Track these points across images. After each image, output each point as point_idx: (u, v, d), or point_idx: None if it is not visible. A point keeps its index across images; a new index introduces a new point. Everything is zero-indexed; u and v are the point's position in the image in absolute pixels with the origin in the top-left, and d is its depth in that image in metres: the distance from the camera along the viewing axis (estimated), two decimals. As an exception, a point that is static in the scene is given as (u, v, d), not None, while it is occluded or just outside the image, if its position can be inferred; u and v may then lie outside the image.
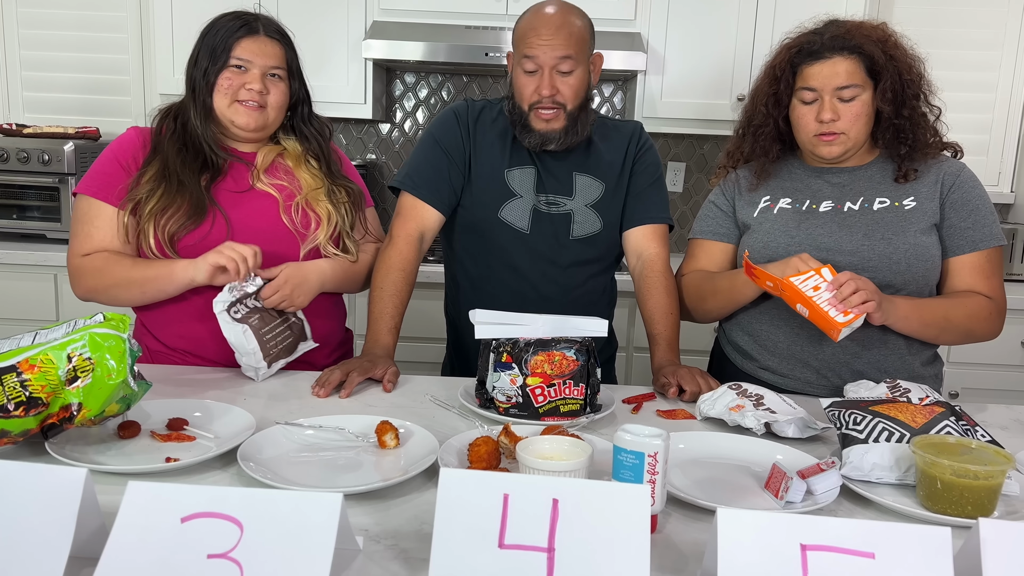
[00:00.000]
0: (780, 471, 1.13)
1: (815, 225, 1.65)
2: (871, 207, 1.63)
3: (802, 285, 1.44)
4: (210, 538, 0.83)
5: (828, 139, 1.60)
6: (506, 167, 1.78)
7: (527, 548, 0.84)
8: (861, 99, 1.57)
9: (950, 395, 2.91)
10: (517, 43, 1.71)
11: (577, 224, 1.79)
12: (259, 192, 1.68)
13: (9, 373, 1.14)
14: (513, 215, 1.77)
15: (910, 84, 1.58)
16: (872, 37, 1.57)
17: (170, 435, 1.27)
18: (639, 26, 3.03)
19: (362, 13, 3.03)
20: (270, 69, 1.63)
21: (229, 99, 1.61)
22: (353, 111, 3.14)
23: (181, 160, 1.61)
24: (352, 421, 1.33)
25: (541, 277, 1.80)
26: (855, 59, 1.56)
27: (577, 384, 1.40)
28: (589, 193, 1.80)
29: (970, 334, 1.62)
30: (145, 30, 3.15)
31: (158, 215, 1.58)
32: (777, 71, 1.64)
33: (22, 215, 3.01)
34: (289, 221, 1.67)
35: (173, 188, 1.58)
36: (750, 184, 1.74)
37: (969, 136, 3.21)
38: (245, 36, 1.60)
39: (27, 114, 3.24)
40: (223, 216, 1.62)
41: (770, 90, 1.65)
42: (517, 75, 1.71)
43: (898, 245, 1.59)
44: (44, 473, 0.87)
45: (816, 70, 1.58)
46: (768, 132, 1.68)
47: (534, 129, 1.71)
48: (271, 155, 1.71)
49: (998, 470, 1.08)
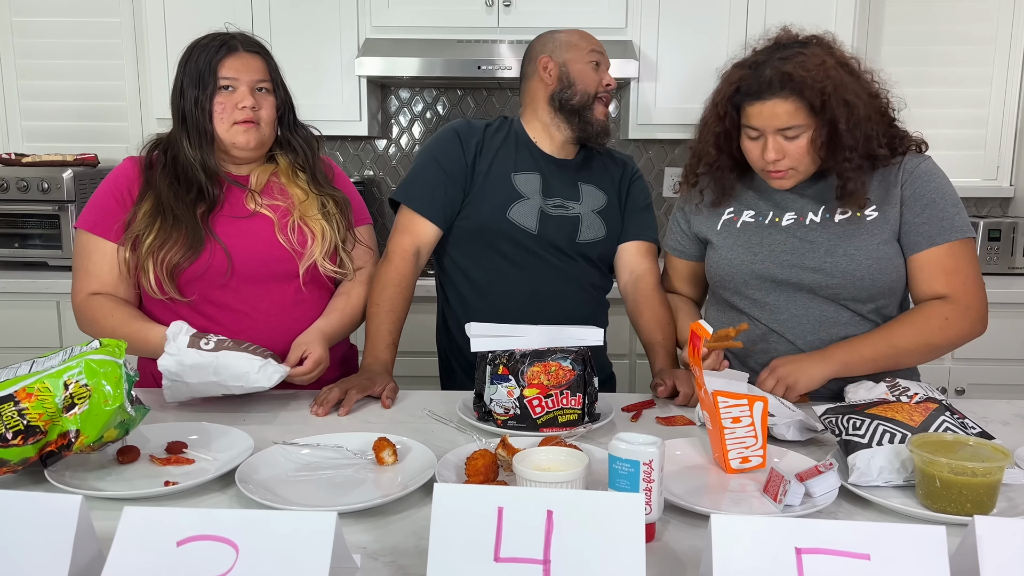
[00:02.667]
0: (778, 475, 1.13)
1: (778, 241, 1.63)
2: (832, 218, 1.60)
3: (725, 409, 1.24)
4: (206, 561, 0.84)
5: (778, 176, 1.56)
6: (513, 171, 1.81)
7: (522, 561, 0.84)
8: (806, 136, 1.51)
9: (956, 391, 2.90)
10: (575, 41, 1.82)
11: (585, 228, 1.83)
12: (256, 215, 1.68)
13: (7, 402, 1.14)
14: (521, 215, 1.79)
15: (846, 134, 1.49)
16: (809, 80, 1.46)
17: (169, 458, 1.27)
18: (631, 34, 3.04)
19: (354, 31, 3.05)
20: (257, 84, 1.63)
21: (227, 122, 1.62)
22: (349, 128, 3.16)
23: (174, 193, 1.61)
24: (350, 439, 1.33)
25: (549, 279, 1.82)
26: (794, 99, 1.48)
27: (575, 394, 1.40)
28: (595, 200, 1.86)
29: (930, 348, 1.56)
30: (140, 56, 3.18)
31: (156, 250, 1.58)
32: (720, 110, 1.59)
33: (23, 244, 3.02)
34: (286, 240, 1.67)
35: (169, 222, 1.58)
36: (712, 200, 1.72)
37: (966, 131, 3.22)
38: (227, 56, 1.61)
39: (26, 143, 3.27)
40: (221, 247, 1.62)
41: (717, 129, 1.60)
42: (581, 67, 1.80)
43: (860, 260, 1.56)
44: (39, 501, 0.88)
45: (756, 110, 1.51)
46: (722, 165, 1.64)
47: (595, 119, 1.81)
48: (264, 175, 1.71)
49: (996, 466, 1.07)
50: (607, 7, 3.02)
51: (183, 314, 1.62)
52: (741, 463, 1.24)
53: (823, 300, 1.61)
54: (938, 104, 3.21)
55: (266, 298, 1.67)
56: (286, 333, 1.66)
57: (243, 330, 1.63)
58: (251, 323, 1.66)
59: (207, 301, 1.64)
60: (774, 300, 1.64)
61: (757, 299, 1.66)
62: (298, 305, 1.70)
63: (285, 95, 1.72)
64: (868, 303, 1.60)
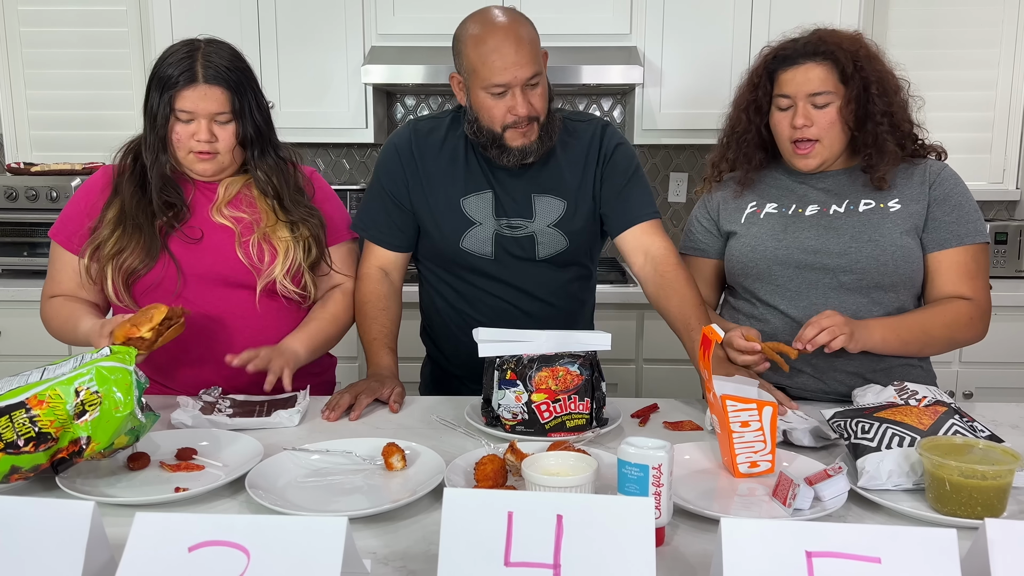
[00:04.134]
0: (787, 479, 1.13)
1: (801, 229, 1.65)
2: (856, 208, 1.63)
3: (734, 413, 1.24)
4: (218, 566, 0.84)
5: (804, 151, 1.60)
6: (461, 195, 1.73)
7: (533, 565, 0.84)
8: (835, 105, 1.57)
9: (964, 395, 2.89)
10: (476, 67, 1.60)
11: (542, 245, 1.75)
12: (217, 227, 1.66)
13: (18, 409, 1.15)
14: (474, 243, 1.74)
15: (876, 99, 1.56)
16: (844, 45, 1.56)
17: (179, 465, 1.28)
18: (635, 40, 3.04)
19: (360, 39, 3.06)
20: (214, 116, 1.58)
21: (184, 150, 1.60)
22: (355, 136, 3.17)
23: (136, 201, 1.61)
24: (359, 444, 1.33)
25: (516, 297, 1.78)
26: (827, 65, 1.56)
27: (582, 399, 1.40)
28: (549, 214, 1.74)
29: (952, 342, 1.61)
30: (147, 65, 3.18)
31: (115, 256, 1.59)
32: (755, 77, 1.65)
33: (32, 252, 3.04)
34: (244, 256, 1.65)
35: (129, 230, 1.60)
36: (734, 192, 1.74)
37: (971, 134, 3.22)
38: (185, 87, 1.55)
39: (35, 152, 3.29)
40: (174, 261, 1.62)
41: (750, 97, 1.66)
42: (481, 98, 1.62)
43: (885, 246, 1.58)
44: (52, 508, 0.88)
45: (790, 76, 1.59)
46: (751, 139, 1.68)
47: (511, 147, 1.65)
48: (234, 187, 1.68)
49: (1006, 469, 1.07)
50: (611, 13, 3.02)
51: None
52: (750, 467, 1.24)
53: (844, 290, 1.61)
54: (943, 107, 3.20)
55: (222, 307, 1.65)
56: (248, 340, 1.63)
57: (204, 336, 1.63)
58: (211, 331, 1.65)
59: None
60: (795, 287, 1.64)
61: (779, 286, 1.66)
62: (263, 315, 1.68)
63: (254, 121, 1.63)
64: (890, 291, 1.61)
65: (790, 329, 1.64)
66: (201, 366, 1.65)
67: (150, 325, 1.43)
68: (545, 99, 1.66)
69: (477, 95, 1.63)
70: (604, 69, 2.92)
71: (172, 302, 1.57)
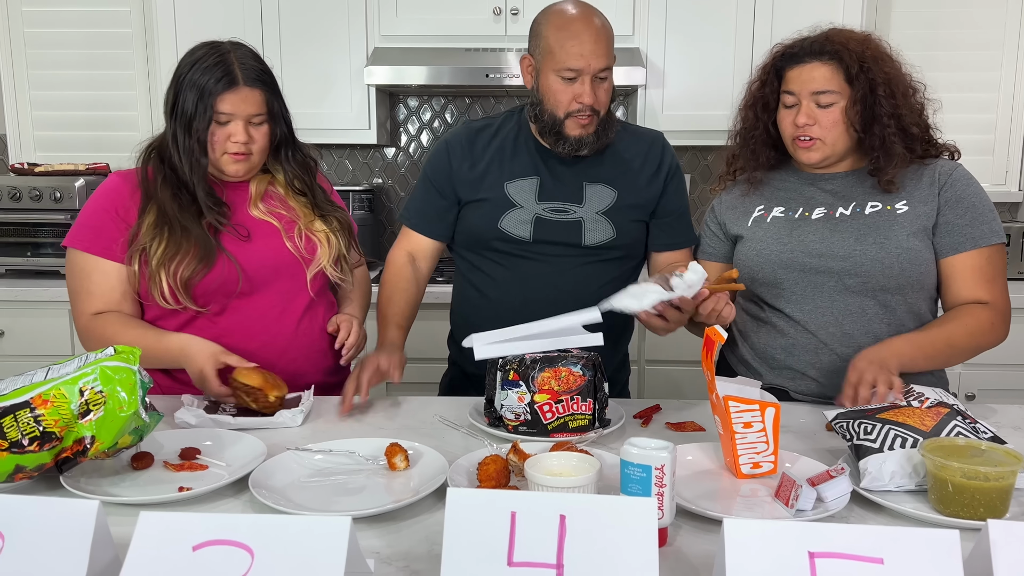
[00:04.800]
0: (790, 479, 1.13)
1: (807, 232, 1.64)
2: (863, 211, 1.62)
3: (736, 414, 1.24)
4: (222, 565, 0.84)
5: (805, 144, 1.60)
6: (506, 179, 1.78)
7: (536, 565, 0.84)
8: (839, 105, 1.57)
9: (966, 397, 2.89)
10: (553, 49, 1.64)
11: (589, 231, 1.76)
12: (259, 223, 1.69)
13: (23, 409, 1.15)
14: (512, 224, 1.76)
15: (883, 101, 1.55)
16: (850, 46, 1.55)
17: (183, 464, 1.28)
18: (637, 41, 3.05)
19: (363, 40, 3.06)
20: (252, 117, 1.61)
21: (219, 152, 1.61)
22: (358, 137, 3.17)
23: (179, 205, 1.60)
24: (362, 444, 1.34)
25: (548, 284, 1.79)
26: (832, 65, 1.56)
27: (585, 399, 1.40)
28: (600, 200, 1.77)
29: (977, 350, 1.60)
30: (151, 66, 3.20)
31: (167, 262, 1.57)
32: (763, 74, 1.65)
33: (36, 252, 3.04)
34: (294, 248, 1.69)
35: (178, 234, 1.58)
36: (743, 191, 1.75)
37: (974, 136, 3.21)
38: (226, 90, 1.57)
39: (38, 153, 3.29)
40: (231, 260, 1.62)
41: (758, 94, 1.66)
42: (551, 81, 1.67)
43: (890, 249, 1.57)
44: (56, 507, 0.89)
45: (795, 73, 1.59)
46: (759, 136, 1.68)
47: (569, 136, 1.69)
48: (263, 185, 1.72)
49: (1008, 471, 1.07)
50: (614, 14, 3.00)
51: (194, 324, 1.64)
52: (752, 468, 1.24)
53: (850, 292, 1.61)
54: (946, 109, 3.16)
55: (276, 305, 1.68)
56: (292, 340, 1.69)
57: (253, 337, 1.65)
58: (261, 330, 1.67)
59: (217, 311, 1.65)
60: (801, 290, 1.64)
61: (784, 289, 1.66)
62: (308, 311, 1.72)
63: (285, 121, 1.68)
64: (897, 294, 1.60)
65: (796, 332, 1.64)
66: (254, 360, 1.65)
67: (278, 393, 1.50)
68: (610, 95, 1.72)
69: (547, 77, 1.68)
70: (607, 70, 2.92)
71: (235, 301, 1.64)
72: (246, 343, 1.64)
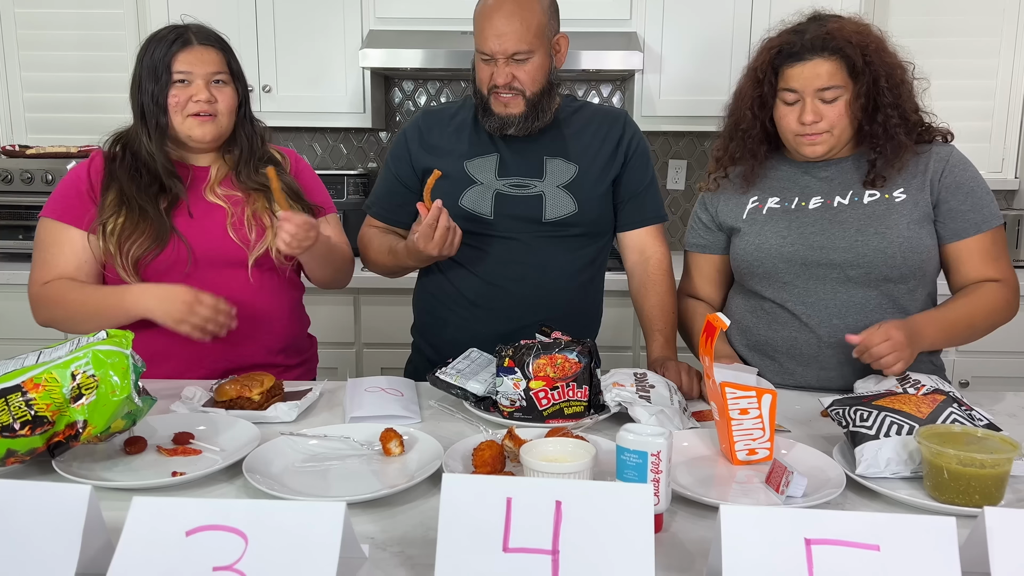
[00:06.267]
0: (781, 466, 1.13)
1: (806, 224, 1.63)
2: (861, 200, 1.61)
3: (732, 400, 1.24)
4: (215, 551, 0.84)
5: (811, 139, 1.57)
6: (465, 158, 1.78)
7: (531, 551, 0.84)
8: (844, 99, 1.55)
9: (960, 384, 2.89)
10: (475, 31, 1.71)
11: (550, 206, 1.76)
12: (212, 206, 1.69)
13: (14, 393, 1.15)
14: (473, 202, 1.76)
15: (886, 92, 1.54)
16: (852, 40, 1.53)
17: (176, 449, 1.28)
18: (635, 25, 3.03)
19: (358, 23, 3.04)
20: (212, 76, 1.63)
21: (181, 115, 1.63)
22: (353, 120, 3.15)
23: (136, 186, 1.63)
24: (357, 430, 1.33)
25: (513, 263, 1.78)
26: (836, 60, 1.53)
27: (580, 386, 1.40)
28: (561, 175, 1.77)
29: (993, 327, 1.61)
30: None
31: (122, 240, 1.60)
32: (759, 73, 1.61)
33: (28, 236, 3.01)
34: (235, 233, 1.68)
35: (135, 214, 1.61)
36: (737, 187, 1.72)
37: (971, 123, 3.20)
38: (181, 49, 1.61)
39: (30, 135, 3.26)
40: (183, 242, 1.64)
41: (754, 93, 1.62)
42: (476, 60, 1.74)
43: (892, 239, 1.56)
44: (48, 491, 0.88)
45: (797, 72, 1.55)
46: (755, 135, 1.65)
47: (494, 112, 1.73)
48: (225, 168, 1.73)
49: (1004, 458, 1.07)
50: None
51: None
52: (748, 455, 1.24)
53: (852, 284, 1.60)
54: (943, 96, 3.16)
55: (223, 285, 1.66)
56: (248, 318, 1.67)
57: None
58: None
59: None
60: (803, 284, 1.63)
61: (785, 283, 1.65)
62: (258, 291, 1.71)
63: (244, 87, 1.72)
64: (899, 283, 1.60)
65: (797, 325, 1.64)
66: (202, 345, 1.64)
67: (260, 389, 1.48)
68: (535, 77, 1.70)
69: (475, 57, 1.74)
70: (603, 55, 2.90)
71: (182, 280, 1.61)
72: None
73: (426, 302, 1.92)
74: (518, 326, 1.70)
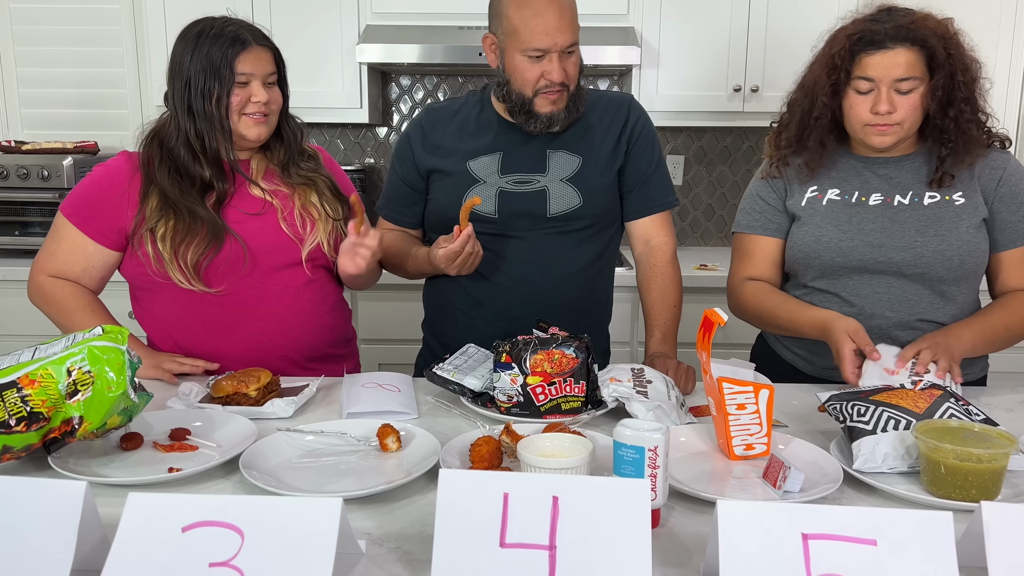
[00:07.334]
0: (778, 461, 1.13)
1: (866, 220, 1.61)
2: (921, 201, 1.59)
3: (730, 396, 1.24)
4: (211, 547, 0.84)
5: (881, 129, 1.54)
6: (468, 158, 1.76)
7: (528, 546, 0.84)
8: (918, 91, 1.52)
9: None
10: (517, 28, 1.62)
11: (554, 200, 1.73)
12: (259, 202, 1.68)
13: (10, 389, 1.14)
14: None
15: (962, 86, 1.52)
16: (936, 32, 1.51)
17: (172, 445, 1.27)
18: (632, 20, 3.02)
19: (355, 17, 3.03)
20: (268, 77, 1.63)
21: (237, 114, 1.61)
22: (349, 116, 3.15)
23: (179, 189, 1.60)
24: (354, 425, 1.33)
25: (519, 261, 1.76)
26: (917, 51, 1.50)
27: (578, 381, 1.40)
28: (564, 168, 1.74)
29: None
30: (139, 43, 3.16)
31: (176, 244, 1.58)
32: (836, 59, 1.56)
33: (23, 231, 3.02)
34: (289, 228, 1.68)
35: (185, 217, 1.58)
36: (800, 175, 1.68)
37: (968, 119, 3.21)
38: (243, 50, 1.58)
39: (26, 131, 3.25)
40: (238, 240, 1.62)
41: (829, 79, 1.57)
42: (516, 61, 1.64)
43: (951, 241, 1.56)
44: (44, 487, 0.88)
45: (876, 60, 1.51)
46: (825, 123, 1.61)
47: (539, 113, 1.68)
48: (264, 163, 1.71)
49: (1001, 452, 1.07)
50: (609, -7, 3.00)
51: (199, 303, 1.64)
52: (745, 450, 1.24)
53: (907, 279, 1.60)
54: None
55: (278, 283, 1.68)
56: (297, 315, 1.69)
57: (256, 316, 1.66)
58: (264, 310, 1.67)
59: (221, 291, 1.65)
60: (857, 277, 1.62)
61: (840, 278, 1.63)
62: (308, 286, 1.71)
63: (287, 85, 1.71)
64: (953, 285, 1.60)
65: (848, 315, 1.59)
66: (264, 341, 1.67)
67: (257, 385, 1.47)
68: (578, 69, 1.69)
69: (512, 57, 1.65)
70: (601, 50, 2.89)
71: (243, 279, 1.64)
72: (247, 322, 1.66)
73: (435, 299, 1.91)
74: (525, 323, 1.68)
